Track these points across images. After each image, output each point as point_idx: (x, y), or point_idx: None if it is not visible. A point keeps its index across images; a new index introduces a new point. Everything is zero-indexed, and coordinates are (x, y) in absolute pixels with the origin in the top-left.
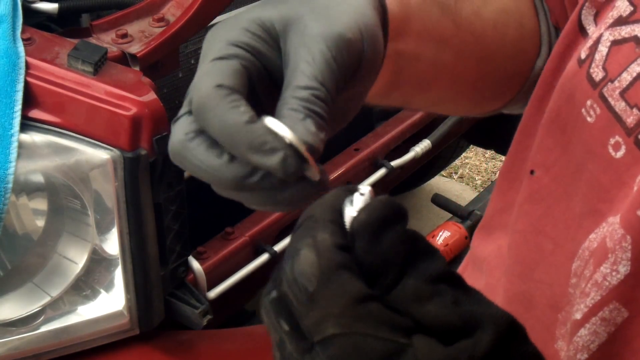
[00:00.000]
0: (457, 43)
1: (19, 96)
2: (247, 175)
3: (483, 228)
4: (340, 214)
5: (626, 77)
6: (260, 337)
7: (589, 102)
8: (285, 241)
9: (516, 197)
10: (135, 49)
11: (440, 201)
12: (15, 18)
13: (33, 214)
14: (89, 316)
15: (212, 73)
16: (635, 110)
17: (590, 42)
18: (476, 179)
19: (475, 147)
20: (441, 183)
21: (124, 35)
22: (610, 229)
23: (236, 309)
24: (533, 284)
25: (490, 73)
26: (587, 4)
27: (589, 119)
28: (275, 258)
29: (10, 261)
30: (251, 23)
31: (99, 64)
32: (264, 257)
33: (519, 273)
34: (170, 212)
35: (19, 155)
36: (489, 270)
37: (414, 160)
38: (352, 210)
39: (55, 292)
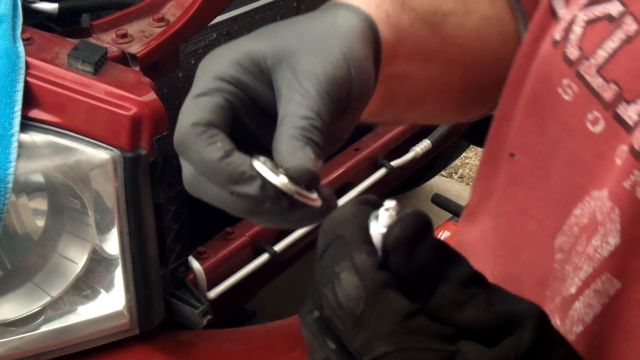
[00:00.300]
0: (443, 56)
1: (19, 96)
2: (258, 203)
3: (468, 215)
4: (368, 232)
5: (602, 54)
6: (260, 337)
7: (565, 81)
8: (286, 241)
9: (498, 182)
10: (135, 49)
11: (440, 201)
12: (15, 18)
13: (33, 214)
14: (89, 316)
15: (192, 109)
16: (612, 85)
17: (564, 24)
18: None
19: (475, 147)
20: (441, 183)
21: (124, 35)
22: (599, 203)
23: (236, 309)
24: (520, 264)
25: (475, 80)
26: None
27: (566, 97)
28: (276, 258)
29: (10, 261)
30: (242, 55)
31: (99, 64)
32: (264, 257)
33: (506, 254)
34: (170, 212)
35: (19, 155)
36: (475, 255)
37: (414, 160)
38: (378, 226)
39: (55, 292)
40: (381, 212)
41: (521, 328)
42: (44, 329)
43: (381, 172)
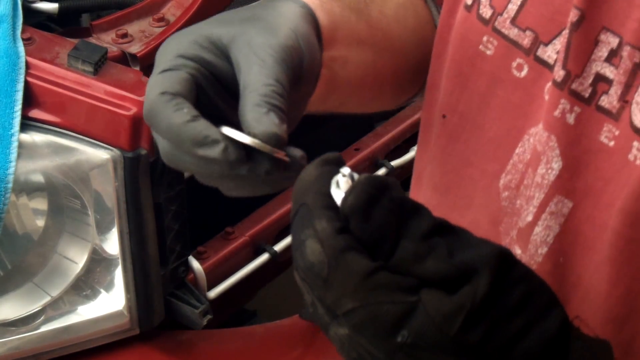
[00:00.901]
0: (372, 42)
1: (19, 96)
2: (221, 167)
3: (415, 183)
4: (329, 196)
5: (512, 8)
6: (260, 337)
7: (485, 38)
8: (286, 241)
9: (436, 144)
10: (135, 48)
11: None
12: (15, 18)
13: (33, 214)
14: (89, 316)
15: (158, 82)
16: (528, 32)
17: None
18: None
19: None
20: None
21: (124, 35)
22: (537, 137)
23: (236, 309)
24: (474, 209)
25: (402, 64)
26: None
27: (488, 52)
28: (276, 258)
29: (10, 261)
30: (199, 36)
31: (99, 63)
32: (264, 257)
33: (460, 207)
34: (170, 212)
35: (19, 155)
36: None
37: (414, 160)
38: (339, 192)
39: (55, 292)
40: (339, 178)
41: (478, 275)
42: (44, 329)
43: (381, 172)
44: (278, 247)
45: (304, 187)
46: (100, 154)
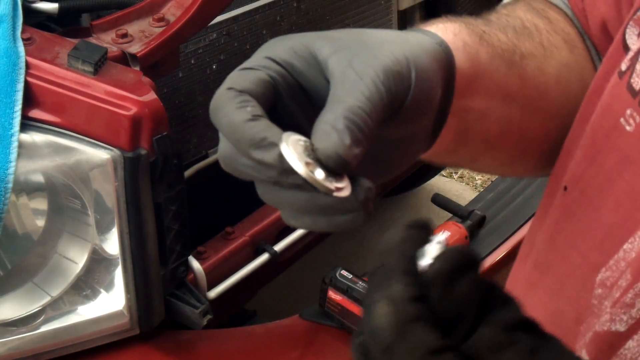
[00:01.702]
0: (522, 98)
1: (19, 96)
2: (278, 175)
3: (523, 250)
4: (413, 261)
5: None
6: (260, 337)
7: (628, 111)
8: (286, 240)
9: (551, 216)
10: (135, 48)
11: (440, 201)
12: (15, 18)
13: (33, 214)
14: (89, 316)
15: (232, 78)
16: None
17: (631, 54)
18: (476, 178)
19: None
20: (441, 183)
21: (124, 35)
22: None
23: (236, 309)
24: (563, 299)
25: (556, 130)
26: (631, 22)
27: (628, 127)
28: (276, 258)
29: (10, 261)
30: (299, 44)
31: (99, 63)
32: (264, 257)
33: (552, 290)
34: (170, 212)
35: (19, 155)
36: (523, 290)
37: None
38: (427, 259)
39: (55, 292)
40: (431, 245)
41: None
42: (44, 329)
43: None
44: (278, 247)
45: (388, 247)
46: (100, 154)
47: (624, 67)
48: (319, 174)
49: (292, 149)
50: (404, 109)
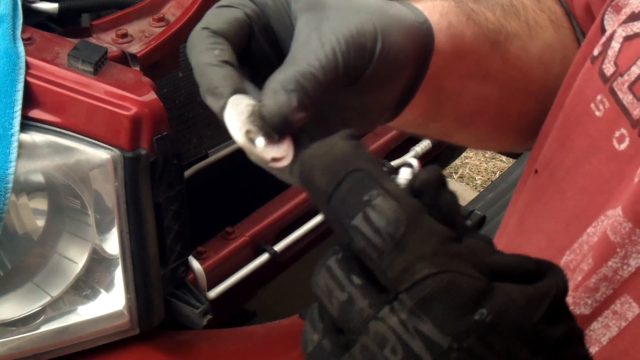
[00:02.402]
0: (503, 78)
1: (19, 96)
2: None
3: (500, 234)
4: (384, 166)
5: (635, 71)
6: (260, 337)
7: (599, 97)
8: (286, 241)
9: (522, 199)
10: (135, 48)
11: None
12: (15, 18)
13: (33, 214)
14: (89, 316)
15: (209, 16)
16: None
17: (603, 39)
18: (476, 179)
19: None
20: None
21: (124, 35)
22: (611, 221)
23: (236, 309)
24: None
25: (534, 109)
26: (609, 8)
27: (597, 113)
28: (276, 258)
29: (10, 261)
30: None
31: (99, 63)
32: (264, 257)
33: None
34: (170, 212)
35: (19, 155)
36: None
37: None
38: (401, 178)
39: (55, 292)
40: (402, 169)
41: (553, 272)
42: (44, 329)
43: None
44: (278, 247)
45: (343, 156)
46: (100, 154)
47: (596, 52)
48: (259, 142)
49: (234, 115)
50: (363, 80)
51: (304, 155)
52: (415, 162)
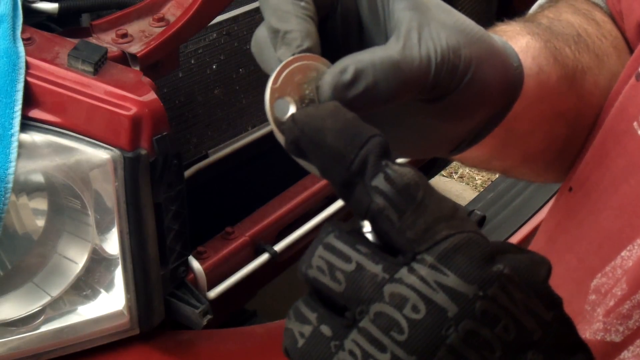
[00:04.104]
0: (575, 116)
1: (19, 96)
2: None
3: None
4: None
5: None
6: (260, 337)
7: None
8: (286, 240)
9: (554, 217)
10: (135, 48)
11: None
12: (15, 18)
13: (33, 214)
14: (89, 316)
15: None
16: None
17: None
18: (476, 179)
19: None
20: (441, 183)
21: (124, 35)
22: None
23: (236, 309)
24: None
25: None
26: None
27: None
28: (275, 258)
29: (10, 261)
30: None
31: (99, 63)
32: (264, 257)
33: None
34: (170, 212)
35: (19, 155)
36: None
37: (414, 160)
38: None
39: (55, 292)
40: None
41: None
42: (44, 329)
43: None
44: (278, 247)
45: (354, 122)
46: (100, 154)
47: None
48: (291, 110)
49: (282, 75)
50: (443, 103)
51: (299, 116)
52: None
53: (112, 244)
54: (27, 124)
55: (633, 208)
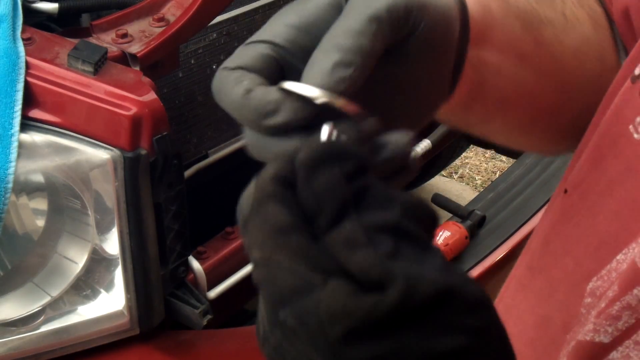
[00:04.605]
0: (536, 62)
1: (19, 96)
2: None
3: (524, 254)
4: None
5: None
6: None
7: (638, 119)
8: None
9: (549, 219)
10: (135, 48)
11: (440, 201)
12: (15, 18)
13: (33, 214)
14: (89, 316)
15: (233, 56)
16: None
17: None
18: (476, 178)
19: (475, 147)
20: (441, 183)
21: (124, 35)
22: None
23: (236, 309)
24: (552, 305)
25: (567, 103)
26: None
27: (635, 135)
28: None
29: (10, 261)
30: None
31: (99, 63)
32: None
33: (542, 295)
34: (170, 212)
35: (19, 155)
36: (512, 293)
37: (417, 161)
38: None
39: (55, 292)
40: (324, 127)
41: (392, 289)
42: (44, 329)
43: None
44: None
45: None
46: (100, 154)
47: (637, 71)
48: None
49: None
50: (411, 49)
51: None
52: (326, 130)
53: (112, 244)
54: (27, 124)
55: (629, 212)
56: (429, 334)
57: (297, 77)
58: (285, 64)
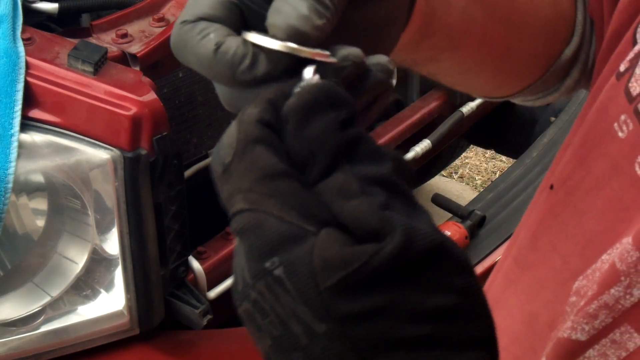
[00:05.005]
0: (488, 3)
1: (19, 96)
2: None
3: (508, 248)
4: (286, 95)
5: None
6: None
7: (623, 117)
8: None
9: (535, 214)
10: (135, 48)
11: (440, 201)
12: (15, 18)
13: (33, 214)
14: (89, 316)
15: (188, 6)
16: None
17: (631, 55)
18: (476, 179)
19: (475, 147)
20: (441, 183)
21: (124, 35)
22: (620, 249)
23: (236, 309)
24: (539, 302)
25: (517, 46)
26: None
27: (620, 134)
28: None
29: (10, 261)
30: None
31: (99, 63)
32: None
33: (530, 292)
34: (170, 212)
35: (19, 155)
36: (500, 289)
37: (414, 160)
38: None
39: (55, 292)
40: (306, 69)
41: (391, 238)
42: (44, 329)
43: None
44: None
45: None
46: (100, 154)
47: (622, 68)
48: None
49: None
50: None
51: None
52: (309, 72)
53: (112, 244)
54: (27, 124)
55: (615, 212)
56: (422, 290)
57: (259, 21)
58: (245, 8)
